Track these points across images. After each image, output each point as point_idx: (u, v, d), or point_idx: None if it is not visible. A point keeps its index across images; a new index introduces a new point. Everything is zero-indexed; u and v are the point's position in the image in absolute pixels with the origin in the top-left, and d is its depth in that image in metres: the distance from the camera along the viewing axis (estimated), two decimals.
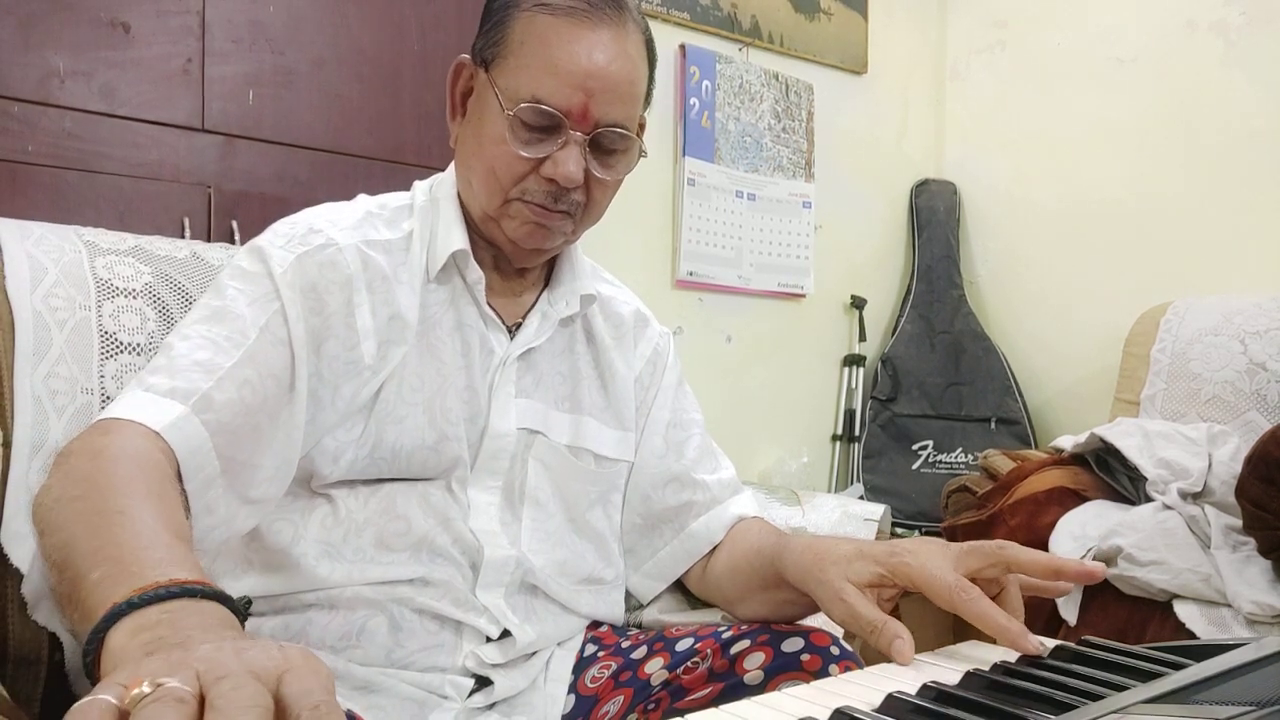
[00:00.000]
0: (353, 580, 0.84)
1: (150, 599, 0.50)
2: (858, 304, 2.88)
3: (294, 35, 1.74)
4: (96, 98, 1.56)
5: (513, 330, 0.95)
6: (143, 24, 1.59)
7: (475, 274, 0.92)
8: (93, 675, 0.48)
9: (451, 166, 0.97)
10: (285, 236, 0.87)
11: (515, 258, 0.94)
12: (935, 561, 0.74)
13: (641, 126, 0.96)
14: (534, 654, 0.92)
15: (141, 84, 1.59)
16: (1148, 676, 0.59)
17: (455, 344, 0.91)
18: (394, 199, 0.96)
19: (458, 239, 0.91)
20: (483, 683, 0.87)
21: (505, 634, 0.88)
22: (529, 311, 0.97)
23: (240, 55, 1.68)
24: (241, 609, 0.53)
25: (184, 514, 0.68)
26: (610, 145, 0.88)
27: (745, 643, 0.85)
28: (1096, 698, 0.55)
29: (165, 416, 0.73)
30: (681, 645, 0.89)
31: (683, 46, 2.47)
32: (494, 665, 0.87)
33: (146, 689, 0.38)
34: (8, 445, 0.86)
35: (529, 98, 0.84)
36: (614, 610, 1.00)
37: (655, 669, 0.88)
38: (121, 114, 1.58)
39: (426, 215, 0.94)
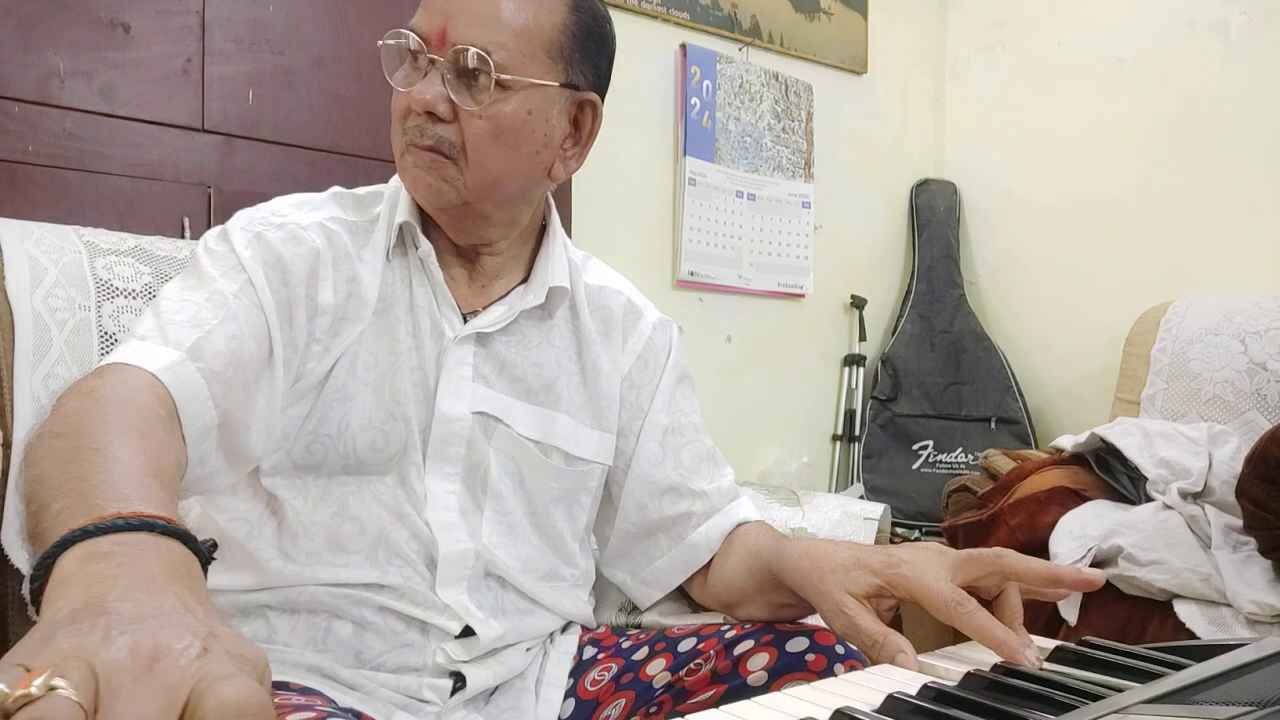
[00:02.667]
0: (304, 580, 0.84)
1: (106, 529, 0.48)
2: (858, 304, 2.88)
3: (294, 35, 1.74)
4: (96, 98, 1.56)
5: (468, 316, 0.93)
6: (143, 24, 1.59)
7: (424, 247, 0.90)
8: (38, 605, 0.46)
9: None
10: (248, 218, 0.88)
11: (445, 227, 0.91)
12: (933, 572, 0.73)
13: (589, 106, 0.91)
14: (508, 648, 0.90)
15: (141, 84, 1.59)
16: (1148, 676, 0.59)
17: (409, 324, 0.90)
18: (367, 188, 0.96)
19: (404, 213, 0.90)
20: (463, 680, 0.86)
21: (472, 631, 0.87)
22: (494, 303, 0.95)
23: (240, 55, 1.68)
24: (205, 551, 0.51)
25: (169, 454, 0.66)
26: (477, 70, 0.83)
27: (749, 643, 0.85)
28: (1096, 698, 0.55)
29: (161, 360, 0.73)
30: (684, 646, 0.88)
31: (684, 46, 2.47)
32: (463, 661, 0.86)
33: (35, 691, 0.35)
34: (8, 445, 0.86)
35: (398, 27, 0.85)
36: (579, 608, 0.98)
37: (658, 670, 0.88)
38: (121, 114, 1.58)
39: (394, 200, 0.93)
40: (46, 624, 0.41)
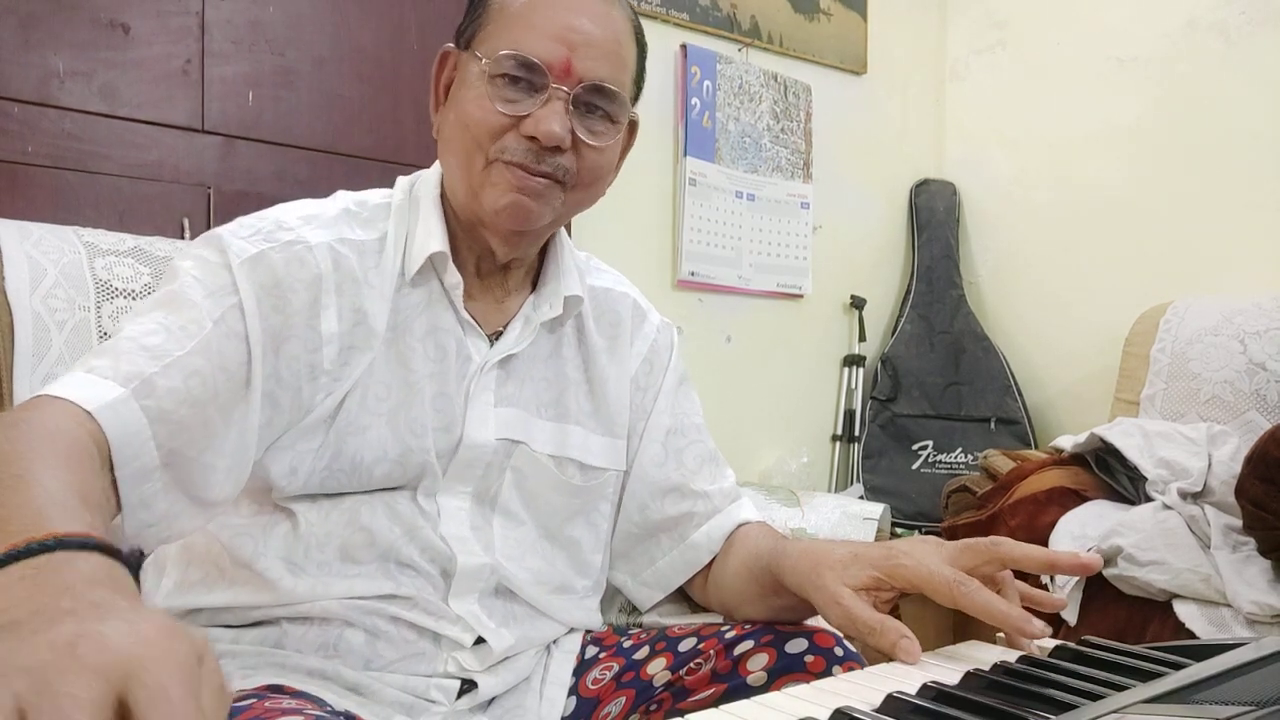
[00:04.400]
0: (317, 595, 0.82)
1: (20, 554, 0.46)
2: (857, 304, 2.88)
3: (294, 36, 1.74)
4: (96, 98, 1.56)
5: (492, 339, 0.91)
6: (143, 24, 1.59)
7: (453, 278, 0.87)
8: None
9: (436, 165, 0.93)
10: (250, 229, 0.82)
11: (499, 244, 0.88)
12: (931, 560, 0.74)
13: (633, 125, 0.94)
14: (518, 655, 0.90)
15: (141, 85, 1.60)
16: (1148, 676, 0.59)
17: (428, 350, 0.87)
18: (374, 196, 0.92)
19: (436, 240, 0.86)
20: (471, 683, 0.86)
21: (483, 640, 0.87)
22: (512, 319, 0.93)
23: (240, 56, 1.68)
24: (131, 561, 0.50)
25: (98, 487, 0.63)
26: (597, 105, 0.84)
27: (749, 643, 0.85)
28: (1096, 698, 0.55)
29: (101, 397, 0.67)
30: (684, 645, 0.88)
31: (684, 46, 2.47)
32: (476, 671, 0.86)
33: None
34: None
35: (509, 50, 0.82)
36: (590, 617, 0.98)
37: (658, 669, 0.88)
38: (121, 115, 1.58)
39: (404, 215, 0.90)
40: None
